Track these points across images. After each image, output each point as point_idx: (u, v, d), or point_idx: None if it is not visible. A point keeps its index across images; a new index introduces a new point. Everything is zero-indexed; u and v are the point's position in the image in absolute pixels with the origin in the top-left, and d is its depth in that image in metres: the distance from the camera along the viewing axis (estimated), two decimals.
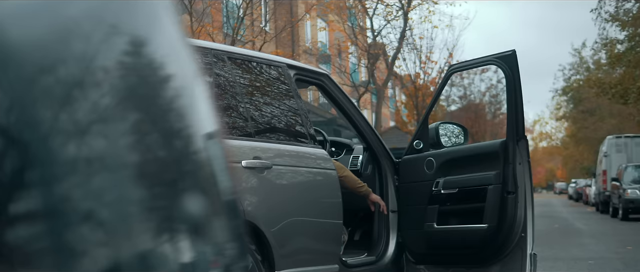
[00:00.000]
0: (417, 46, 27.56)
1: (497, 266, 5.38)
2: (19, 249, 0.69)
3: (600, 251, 12.42)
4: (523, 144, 5.29)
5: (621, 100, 28.21)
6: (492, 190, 5.31)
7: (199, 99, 0.88)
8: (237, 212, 0.91)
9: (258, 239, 4.55)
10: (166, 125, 0.83)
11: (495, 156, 5.37)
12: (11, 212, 0.69)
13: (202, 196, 0.85)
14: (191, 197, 0.83)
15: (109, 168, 0.75)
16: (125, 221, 0.76)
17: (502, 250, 5.30)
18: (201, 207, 0.85)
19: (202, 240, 0.84)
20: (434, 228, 5.62)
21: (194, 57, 0.91)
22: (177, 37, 0.89)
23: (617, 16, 27.79)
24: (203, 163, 0.85)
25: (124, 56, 0.81)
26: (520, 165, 5.26)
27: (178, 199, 0.82)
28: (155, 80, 0.84)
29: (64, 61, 0.76)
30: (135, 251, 0.76)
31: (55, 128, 0.72)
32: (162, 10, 0.87)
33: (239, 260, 0.87)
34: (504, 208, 5.24)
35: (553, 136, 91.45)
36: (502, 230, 5.24)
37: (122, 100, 0.78)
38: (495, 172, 5.32)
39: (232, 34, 17.34)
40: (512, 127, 5.30)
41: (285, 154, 4.97)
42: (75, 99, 0.75)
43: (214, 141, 0.88)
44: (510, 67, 5.33)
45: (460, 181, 5.55)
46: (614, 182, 25.06)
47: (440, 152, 5.80)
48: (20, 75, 0.71)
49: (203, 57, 4.68)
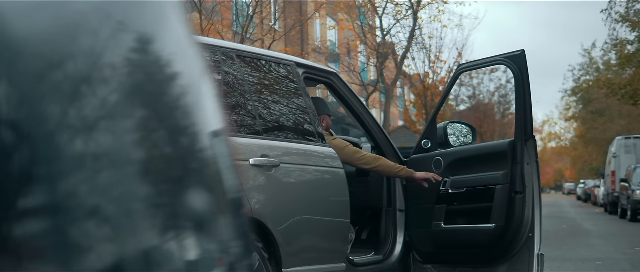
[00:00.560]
0: (426, 46, 27.54)
1: (504, 266, 5.37)
2: (25, 245, 0.69)
3: (609, 251, 12.39)
4: (531, 144, 5.28)
5: (631, 101, 28.13)
6: (500, 190, 5.30)
7: (206, 98, 0.88)
8: (242, 210, 0.91)
9: (265, 237, 4.55)
10: (172, 123, 0.83)
11: (503, 156, 5.36)
12: (19, 208, 0.70)
13: (207, 193, 0.85)
14: (196, 194, 0.83)
15: (115, 165, 0.76)
16: (130, 218, 0.76)
17: (509, 250, 5.29)
18: (206, 205, 0.85)
19: (207, 238, 0.84)
20: (441, 228, 5.61)
21: (201, 55, 0.92)
22: (184, 36, 0.89)
23: (628, 17, 27.71)
24: (209, 161, 0.86)
25: (131, 53, 0.81)
26: (528, 165, 5.25)
27: (183, 197, 0.82)
28: (162, 78, 0.85)
29: (72, 56, 0.76)
30: (141, 248, 0.77)
31: (61, 124, 0.73)
32: (170, 8, 0.88)
33: (243, 258, 0.87)
34: (512, 208, 5.23)
35: (562, 136, 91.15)
36: (509, 230, 5.23)
37: (129, 97, 0.79)
38: (504, 172, 5.31)
39: (242, 33, 17.34)
40: (520, 127, 5.29)
41: (293, 152, 4.97)
42: (83, 95, 0.75)
43: (220, 139, 0.88)
44: (520, 67, 5.32)
45: (468, 180, 5.54)
46: (622, 183, 24.99)
47: (448, 152, 5.79)
48: (27, 70, 0.72)
49: (212, 55, 4.69)
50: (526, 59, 5.35)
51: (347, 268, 5.28)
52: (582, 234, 17.24)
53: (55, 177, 0.72)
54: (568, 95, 60.33)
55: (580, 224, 22.68)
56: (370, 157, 5.59)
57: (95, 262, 0.73)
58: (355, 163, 5.58)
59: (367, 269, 5.54)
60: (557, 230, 19.26)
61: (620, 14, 28.08)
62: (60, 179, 0.72)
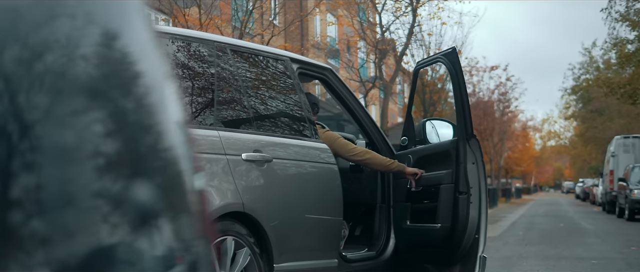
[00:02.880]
0: (425, 42, 27.53)
1: (457, 266, 5.39)
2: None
3: (605, 250, 12.39)
4: (474, 143, 5.27)
5: (630, 100, 28.13)
6: (444, 189, 5.30)
7: (169, 99, 0.88)
8: (204, 210, 0.91)
9: (257, 232, 4.55)
10: (135, 121, 0.83)
11: (448, 155, 5.36)
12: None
13: (168, 193, 0.85)
14: (158, 193, 0.83)
15: (75, 160, 0.75)
16: (89, 213, 0.76)
17: (459, 251, 5.29)
18: (168, 204, 0.85)
19: (169, 236, 0.84)
20: (407, 225, 5.64)
21: (164, 58, 0.91)
22: (148, 37, 0.89)
23: (628, 16, 27.69)
24: (170, 161, 0.85)
25: (98, 47, 0.81)
26: (473, 164, 5.24)
27: (145, 195, 0.82)
28: (127, 74, 0.84)
29: (44, 42, 0.76)
30: (102, 244, 0.76)
31: (25, 113, 0.72)
32: (134, 8, 0.87)
33: (204, 257, 0.87)
34: (456, 208, 5.22)
35: (562, 135, 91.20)
36: (456, 230, 5.22)
37: (92, 90, 0.78)
38: (447, 172, 5.31)
39: (241, 27, 17.33)
40: (461, 125, 5.29)
41: (287, 147, 4.97)
42: (45, 84, 0.75)
43: (182, 140, 0.88)
44: (453, 63, 5.38)
45: (424, 179, 5.56)
46: (620, 183, 25.01)
47: (414, 150, 5.82)
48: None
49: (206, 49, 4.68)
50: (458, 56, 5.46)
51: (340, 264, 5.28)
52: (578, 233, 17.25)
53: (19, 169, 0.71)
54: (568, 93, 60.34)
55: (577, 222, 22.69)
56: (361, 150, 5.59)
57: (55, 256, 0.73)
58: (346, 154, 5.57)
59: (359, 265, 5.54)
60: (554, 228, 19.28)
61: (620, 13, 28.08)
62: (23, 170, 0.72)
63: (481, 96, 45.79)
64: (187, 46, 4.63)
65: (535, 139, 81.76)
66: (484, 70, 43.75)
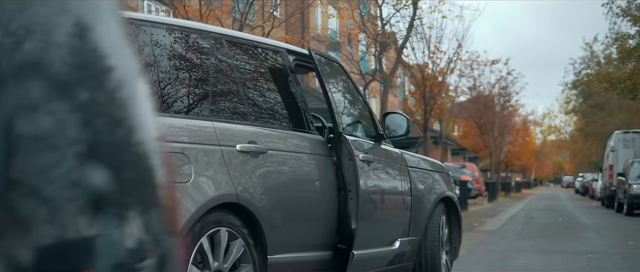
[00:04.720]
0: (426, 36, 27.50)
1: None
2: None
3: (602, 245, 12.41)
4: (345, 140, 5.36)
5: (630, 95, 28.15)
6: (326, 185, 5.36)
7: (140, 95, 0.88)
8: (173, 204, 0.92)
9: (251, 223, 4.55)
10: (106, 113, 0.83)
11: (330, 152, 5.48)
12: None
13: (138, 186, 0.85)
14: (128, 187, 0.84)
15: (50, 148, 0.76)
16: (59, 204, 0.77)
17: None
18: (137, 197, 0.85)
19: (139, 229, 0.84)
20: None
21: (134, 57, 0.92)
22: (119, 33, 0.89)
23: (629, 11, 27.69)
24: (140, 155, 0.86)
25: (70, 36, 0.81)
26: (350, 161, 5.33)
27: (115, 188, 0.82)
28: (99, 66, 0.85)
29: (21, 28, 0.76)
30: (70, 237, 0.77)
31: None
32: (105, 4, 0.88)
33: (173, 251, 0.88)
34: (337, 204, 5.34)
35: (562, 129, 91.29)
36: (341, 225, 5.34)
37: (64, 79, 0.79)
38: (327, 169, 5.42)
39: (241, 19, 17.30)
40: (333, 122, 5.42)
41: (281, 139, 4.97)
42: (19, 72, 0.75)
43: (152, 136, 0.88)
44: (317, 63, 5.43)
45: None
46: (620, 177, 25.02)
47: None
48: None
49: (202, 40, 4.68)
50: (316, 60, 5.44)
51: (334, 256, 5.29)
52: (577, 227, 17.27)
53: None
54: (569, 88, 60.43)
55: (576, 216, 22.72)
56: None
57: (25, 247, 0.74)
58: None
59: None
60: (552, 222, 19.30)
61: (621, 8, 28.06)
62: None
63: (482, 90, 45.81)
64: (183, 37, 4.63)
65: (535, 133, 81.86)
66: (485, 64, 43.78)
